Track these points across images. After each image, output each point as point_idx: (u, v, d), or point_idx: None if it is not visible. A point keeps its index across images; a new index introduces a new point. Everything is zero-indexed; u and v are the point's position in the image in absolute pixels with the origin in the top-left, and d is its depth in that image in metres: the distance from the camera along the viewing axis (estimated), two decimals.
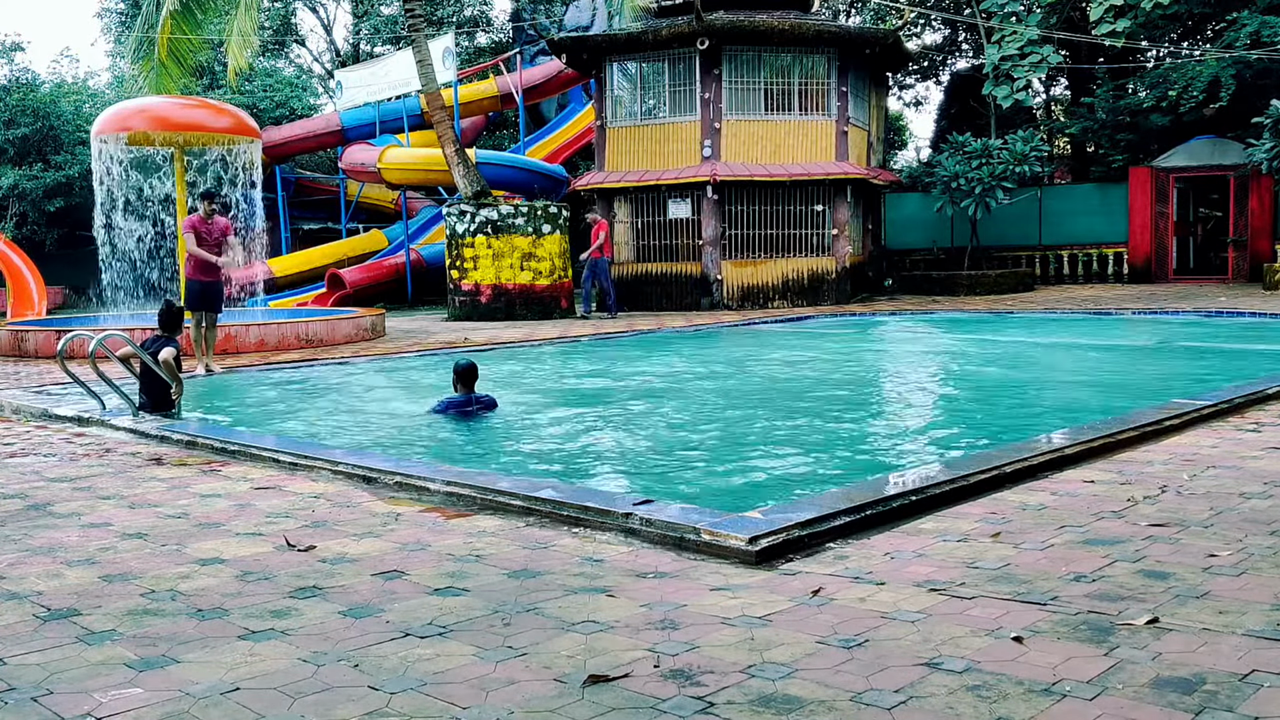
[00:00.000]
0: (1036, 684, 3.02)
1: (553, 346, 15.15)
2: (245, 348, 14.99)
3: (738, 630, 3.52)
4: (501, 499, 5.29)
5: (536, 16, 34.26)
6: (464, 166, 20.52)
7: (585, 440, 7.84)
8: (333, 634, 3.57)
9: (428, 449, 7.64)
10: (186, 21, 20.05)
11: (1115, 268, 26.27)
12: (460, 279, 20.68)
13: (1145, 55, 29.27)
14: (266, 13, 36.21)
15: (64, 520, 5.32)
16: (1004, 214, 25.75)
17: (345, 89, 27.53)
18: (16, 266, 22.57)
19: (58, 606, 3.93)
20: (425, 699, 3.03)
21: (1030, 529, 4.69)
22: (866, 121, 24.54)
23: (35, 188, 30.65)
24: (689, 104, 22.41)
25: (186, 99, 19.42)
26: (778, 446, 7.35)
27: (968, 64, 34.00)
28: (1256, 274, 24.06)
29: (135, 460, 7.01)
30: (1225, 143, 25.22)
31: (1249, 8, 23.98)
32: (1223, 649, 3.24)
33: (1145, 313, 18.20)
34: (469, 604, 3.86)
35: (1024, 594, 3.81)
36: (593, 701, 2.99)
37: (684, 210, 22.46)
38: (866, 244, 25.00)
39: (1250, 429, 7.10)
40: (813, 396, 9.82)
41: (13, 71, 34.09)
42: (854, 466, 6.77)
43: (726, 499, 5.84)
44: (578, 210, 23.54)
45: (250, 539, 4.87)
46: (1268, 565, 4.07)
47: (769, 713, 2.89)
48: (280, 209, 28.34)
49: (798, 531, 4.51)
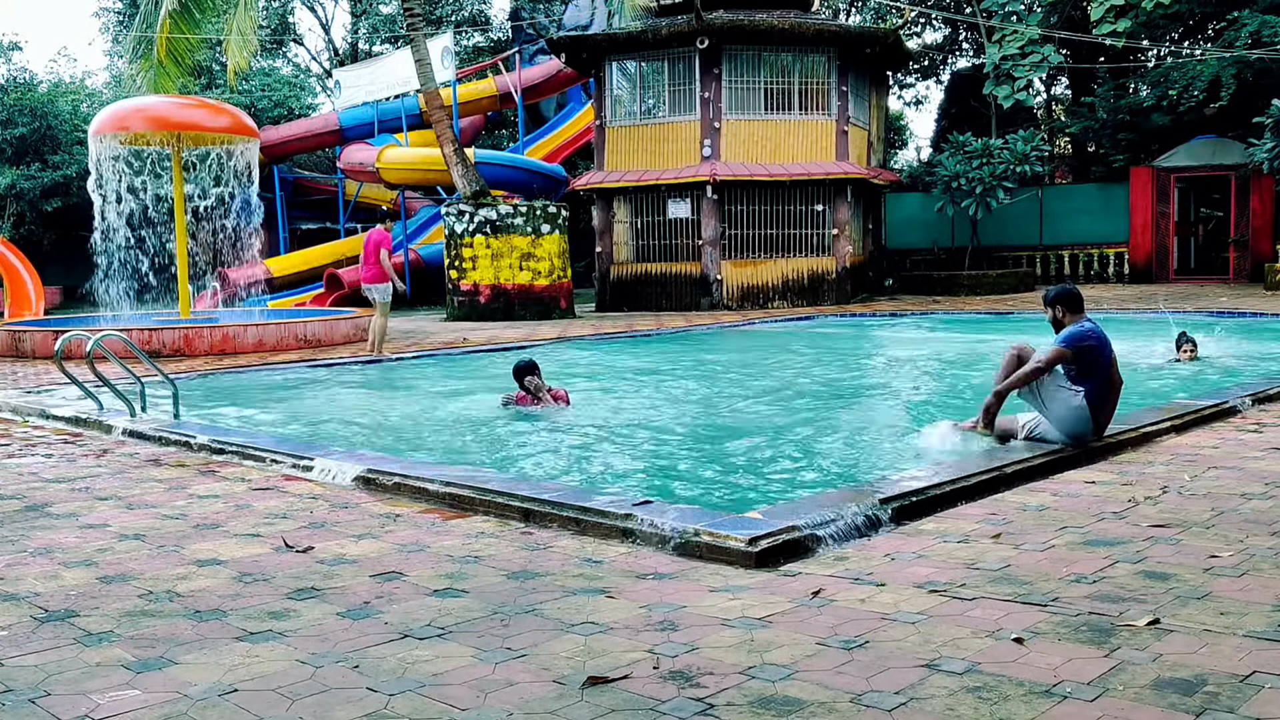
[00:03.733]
0: (1037, 685, 3.01)
1: (553, 347, 15.13)
2: (243, 348, 14.98)
3: (737, 631, 3.51)
4: (501, 499, 5.28)
5: (535, 15, 34.26)
6: (463, 166, 20.51)
7: (586, 439, 7.82)
8: (331, 635, 3.56)
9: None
10: (185, 21, 20.03)
11: (1116, 268, 26.27)
12: (459, 279, 20.66)
13: (1146, 55, 29.26)
14: (264, 12, 36.19)
15: (61, 521, 5.31)
16: (1005, 214, 25.74)
17: (343, 88, 27.52)
18: (14, 266, 22.55)
19: (55, 608, 3.92)
20: (424, 700, 3.02)
21: (1031, 530, 4.68)
22: (867, 121, 24.53)
23: (33, 187, 30.62)
24: (689, 103, 22.40)
25: (184, 98, 19.40)
26: (778, 447, 7.33)
27: (968, 63, 34.00)
28: (1258, 274, 24.05)
29: (133, 461, 6.99)
30: (1226, 142, 25.21)
31: (1250, 7, 23.97)
32: (1224, 650, 3.23)
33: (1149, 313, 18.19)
34: (468, 605, 3.84)
35: (1025, 595, 3.80)
36: (592, 703, 2.97)
37: (684, 210, 22.45)
38: (867, 244, 25.00)
39: (1251, 429, 7.09)
40: (813, 397, 9.80)
41: (10, 71, 34.10)
42: (854, 467, 6.76)
43: (727, 499, 5.83)
44: (577, 210, 23.53)
45: (248, 540, 4.85)
46: (1269, 566, 4.06)
47: (769, 714, 2.88)
48: (278, 209, 28.32)
49: (797, 532, 4.49)
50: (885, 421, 8.44)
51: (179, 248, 17.03)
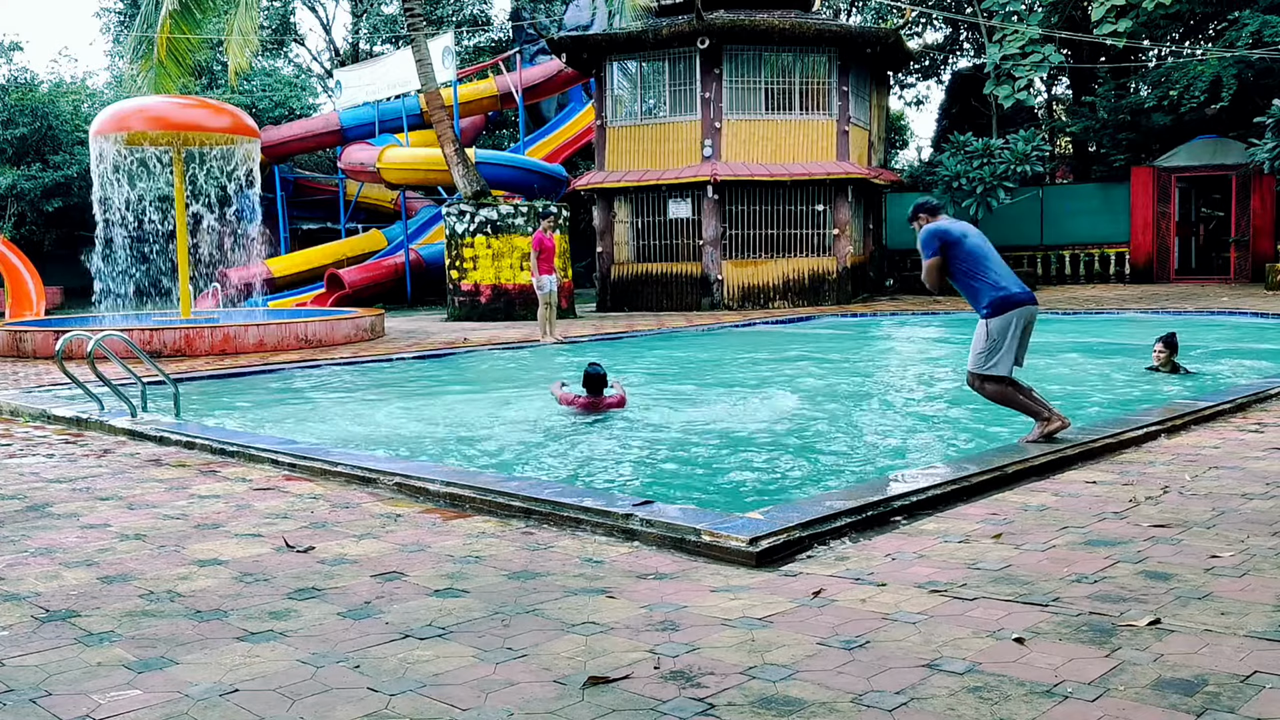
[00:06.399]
0: (1038, 685, 3.01)
1: (553, 348, 15.12)
2: (244, 348, 14.97)
3: (738, 631, 3.51)
4: (501, 500, 5.28)
5: (536, 15, 34.26)
6: (463, 166, 20.51)
7: (583, 439, 7.82)
8: (332, 635, 3.56)
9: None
10: (185, 21, 20.03)
11: (1117, 268, 26.25)
12: (460, 279, 20.67)
13: (1147, 55, 29.25)
14: (265, 12, 36.20)
15: (62, 521, 5.31)
16: (1005, 214, 25.72)
17: (344, 88, 27.52)
18: (15, 267, 22.55)
19: (56, 608, 3.92)
20: (425, 700, 3.02)
21: (1032, 530, 4.68)
22: (867, 121, 24.53)
23: (33, 188, 30.63)
24: (689, 103, 22.40)
25: (185, 98, 19.38)
26: (778, 446, 7.33)
27: (969, 63, 34.01)
28: (1259, 274, 24.04)
29: (134, 461, 6.99)
30: (1227, 142, 25.20)
31: (1250, 7, 23.97)
32: (1225, 650, 3.23)
33: (1154, 312, 18.18)
34: (469, 605, 3.84)
35: (1025, 595, 3.80)
36: (593, 703, 2.97)
37: (684, 210, 22.45)
38: (868, 244, 24.99)
39: (1253, 429, 7.09)
40: (813, 396, 9.80)
41: (11, 71, 34.08)
42: (855, 467, 6.76)
43: (727, 499, 5.83)
44: (578, 210, 23.51)
45: (249, 540, 4.85)
46: (1270, 566, 4.06)
47: (769, 714, 2.88)
48: (279, 209, 28.34)
49: (798, 532, 4.49)
50: (885, 420, 8.44)
51: (179, 248, 17.03)
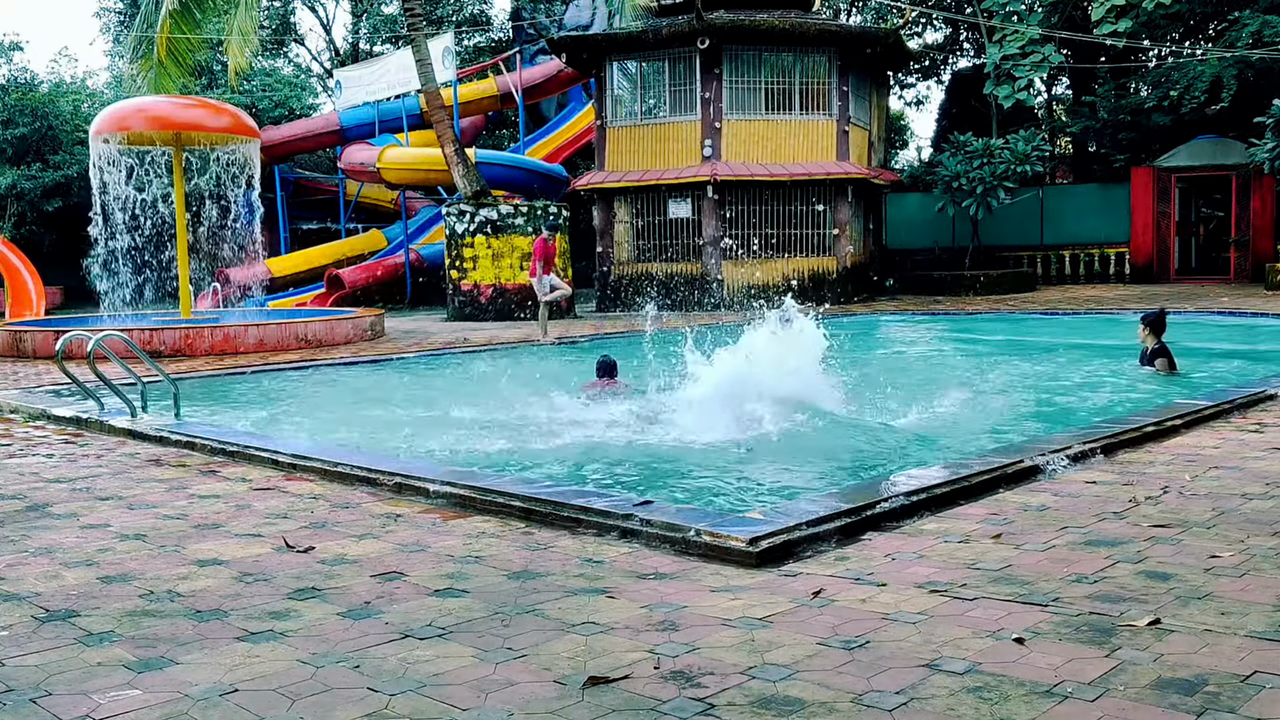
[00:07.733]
0: (1038, 685, 3.01)
1: (554, 347, 15.13)
2: (245, 348, 14.97)
3: (738, 631, 3.51)
4: (501, 500, 5.28)
5: (536, 15, 34.23)
6: (463, 166, 20.50)
7: (583, 439, 7.82)
8: (332, 635, 3.56)
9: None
10: (185, 21, 20.04)
11: (1117, 268, 26.25)
12: (460, 279, 20.66)
13: (1147, 55, 29.24)
14: (265, 12, 36.19)
15: (62, 521, 5.31)
16: (1005, 214, 25.73)
17: (344, 88, 27.52)
18: (15, 267, 22.56)
19: (56, 608, 3.92)
20: (425, 700, 3.02)
21: (1032, 530, 4.68)
22: (867, 121, 24.52)
23: (33, 188, 30.62)
24: (689, 103, 22.39)
25: (185, 98, 19.39)
26: (779, 446, 7.32)
27: (969, 63, 34.00)
28: (1259, 274, 24.02)
29: (134, 461, 6.99)
30: (1227, 142, 25.20)
31: (1250, 7, 23.96)
32: (1225, 650, 3.23)
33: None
34: (469, 605, 3.84)
35: (1025, 595, 3.80)
36: (593, 703, 2.97)
37: (684, 210, 22.45)
38: (868, 244, 24.98)
39: (1252, 429, 7.09)
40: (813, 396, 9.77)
41: (11, 71, 34.05)
42: (855, 466, 6.75)
43: (727, 499, 5.83)
44: (578, 210, 23.52)
45: (249, 540, 4.85)
46: (1270, 566, 4.06)
47: (769, 714, 2.88)
48: (279, 209, 28.33)
49: (798, 532, 4.49)
50: (885, 420, 8.43)
51: (180, 247, 17.03)
